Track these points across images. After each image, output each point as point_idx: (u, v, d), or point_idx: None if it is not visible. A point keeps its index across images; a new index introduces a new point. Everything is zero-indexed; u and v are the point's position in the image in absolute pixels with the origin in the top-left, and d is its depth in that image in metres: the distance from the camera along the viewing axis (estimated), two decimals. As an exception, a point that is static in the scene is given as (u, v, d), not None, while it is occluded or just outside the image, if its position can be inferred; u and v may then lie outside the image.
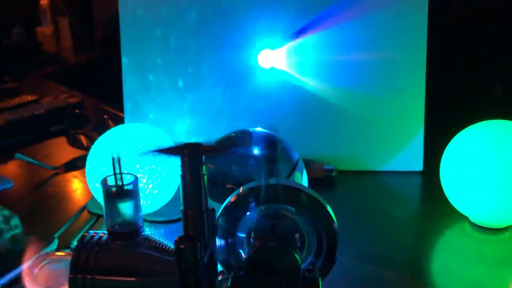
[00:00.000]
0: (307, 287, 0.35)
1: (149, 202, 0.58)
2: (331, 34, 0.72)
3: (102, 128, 0.86)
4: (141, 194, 0.54)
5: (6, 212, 0.54)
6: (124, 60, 0.78)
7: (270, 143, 0.53)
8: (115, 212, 0.37)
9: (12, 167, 0.82)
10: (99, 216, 0.62)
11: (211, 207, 0.37)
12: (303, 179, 0.54)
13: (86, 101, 1.12)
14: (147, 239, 0.38)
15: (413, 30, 0.70)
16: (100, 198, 0.59)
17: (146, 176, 0.57)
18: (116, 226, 0.37)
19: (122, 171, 0.37)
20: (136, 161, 0.56)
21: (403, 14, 0.70)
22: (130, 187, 0.37)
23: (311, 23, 0.72)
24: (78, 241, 0.38)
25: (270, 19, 0.73)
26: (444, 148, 0.59)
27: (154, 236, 0.39)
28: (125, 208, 0.37)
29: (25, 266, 0.47)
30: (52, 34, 1.74)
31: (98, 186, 0.57)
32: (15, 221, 0.54)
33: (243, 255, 0.41)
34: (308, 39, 0.72)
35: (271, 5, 0.73)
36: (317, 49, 0.72)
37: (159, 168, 0.57)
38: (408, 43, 0.70)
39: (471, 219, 0.58)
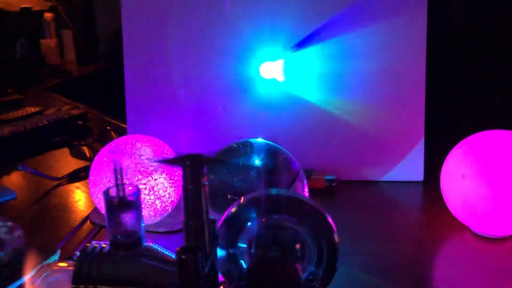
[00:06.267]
0: (308, 297, 0.36)
1: (150, 212, 0.58)
2: (331, 45, 0.72)
3: (104, 139, 0.87)
4: (142, 205, 0.54)
5: (9, 223, 0.55)
6: (127, 72, 0.78)
7: (271, 153, 0.53)
8: (117, 223, 0.37)
9: (15, 178, 0.82)
10: (102, 227, 0.62)
11: (212, 217, 0.37)
12: (304, 190, 0.54)
13: (89, 112, 1.12)
14: (148, 249, 0.38)
15: (412, 40, 0.71)
16: (102, 208, 0.60)
17: (147, 187, 0.57)
18: (118, 237, 0.37)
19: (124, 182, 0.37)
20: (138, 172, 0.56)
21: (403, 25, 0.70)
22: (132, 198, 0.37)
23: (312, 35, 0.73)
24: (81, 252, 0.38)
25: (271, 30, 0.73)
26: (445, 158, 0.60)
27: (156, 246, 0.39)
28: (127, 218, 0.37)
29: (27, 277, 0.47)
30: (56, 46, 1.76)
31: (101, 197, 0.57)
32: (18, 232, 0.55)
33: (244, 265, 0.41)
34: (309, 50, 0.73)
35: (273, 16, 0.73)
36: (317, 60, 0.73)
37: (161, 178, 0.58)
38: (407, 53, 0.71)
39: (472, 229, 0.58)
